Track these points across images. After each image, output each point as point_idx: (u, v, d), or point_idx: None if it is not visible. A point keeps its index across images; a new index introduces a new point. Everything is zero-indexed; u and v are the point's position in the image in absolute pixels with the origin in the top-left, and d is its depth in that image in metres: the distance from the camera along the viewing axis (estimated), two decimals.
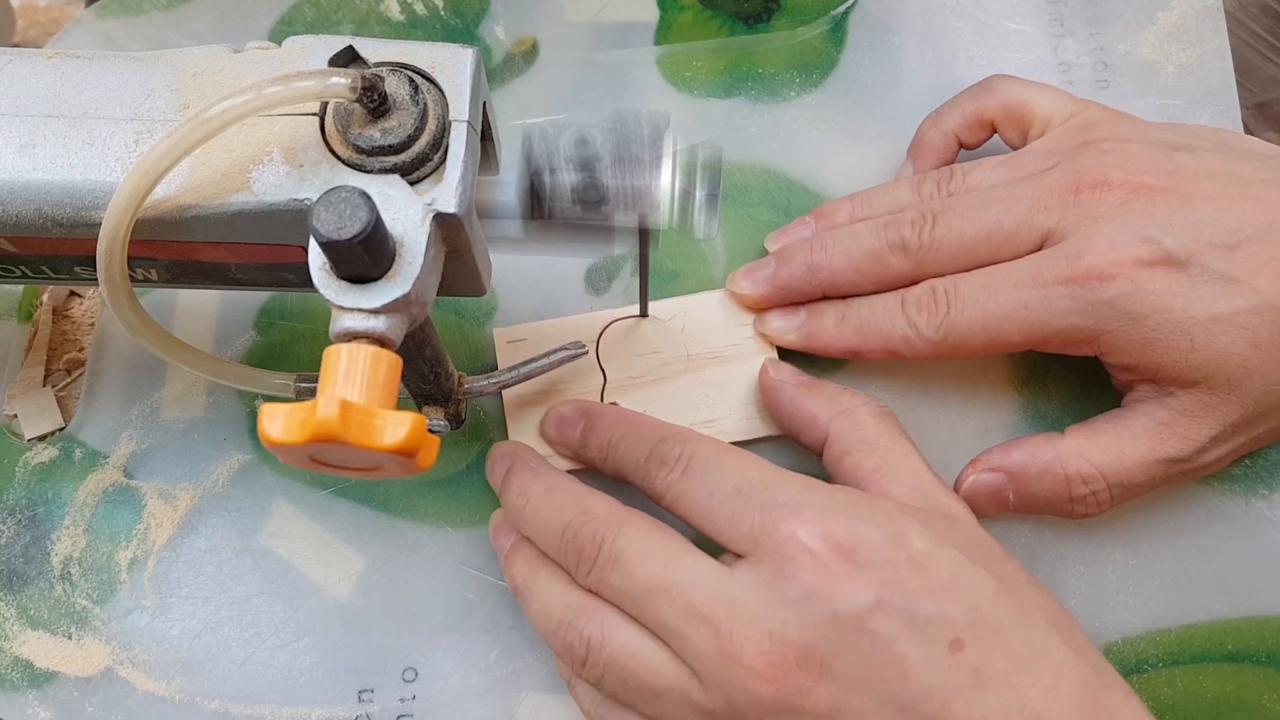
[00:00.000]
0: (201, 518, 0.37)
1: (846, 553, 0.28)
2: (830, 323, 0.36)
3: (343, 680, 0.35)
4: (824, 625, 0.27)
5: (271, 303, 0.40)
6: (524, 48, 0.44)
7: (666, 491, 0.31)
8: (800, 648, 0.27)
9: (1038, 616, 0.28)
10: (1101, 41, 0.43)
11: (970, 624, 0.27)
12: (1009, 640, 0.27)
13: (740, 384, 0.37)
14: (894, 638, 0.27)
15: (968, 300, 0.34)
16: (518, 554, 0.33)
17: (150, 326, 0.29)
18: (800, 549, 0.28)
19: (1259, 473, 0.37)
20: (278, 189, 0.27)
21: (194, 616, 0.36)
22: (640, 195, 0.28)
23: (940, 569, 0.28)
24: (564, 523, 0.31)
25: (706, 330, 0.38)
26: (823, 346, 0.37)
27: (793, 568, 0.28)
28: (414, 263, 0.26)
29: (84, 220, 0.27)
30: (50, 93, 0.28)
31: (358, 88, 0.25)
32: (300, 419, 0.24)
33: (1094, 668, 0.28)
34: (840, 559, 0.28)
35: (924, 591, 0.27)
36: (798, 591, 0.27)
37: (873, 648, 0.27)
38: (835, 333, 0.36)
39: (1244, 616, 0.35)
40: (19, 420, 0.39)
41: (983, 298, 0.34)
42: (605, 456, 0.34)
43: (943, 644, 0.27)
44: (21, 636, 0.36)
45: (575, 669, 0.30)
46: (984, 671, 0.27)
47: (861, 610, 0.27)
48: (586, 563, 0.30)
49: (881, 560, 0.28)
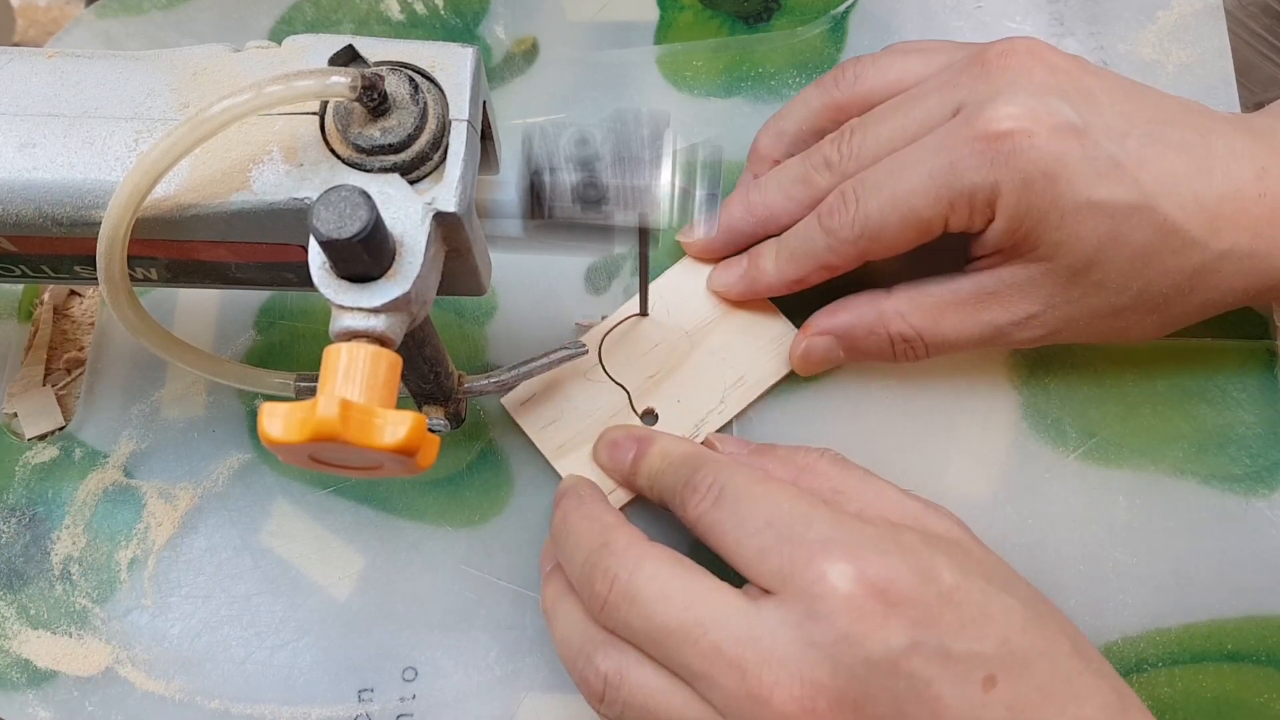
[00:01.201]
0: (201, 517, 0.37)
1: (879, 592, 0.27)
2: (769, 263, 0.37)
3: (342, 679, 0.35)
4: (858, 669, 0.26)
5: (271, 302, 0.40)
6: (524, 47, 0.44)
7: (699, 521, 0.31)
8: (833, 692, 0.26)
9: (1062, 641, 0.28)
10: (1102, 41, 0.43)
11: (1001, 658, 0.27)
12: (1038, 671, 0.27)
13: (742, 335, 0.38)
14: (930, 680, 0.26)
15: (873, 187, 0.34)
16: (553, 578, 0.33)
17: (150, 326, 0.29)
18: (830, 590, 0.27)
19: (1259, 473, 0.37)
20: (278, 188, 0.27)
21: (194, 616, 0.36)
22: (640, 194, 0.28)
23: (970, 602, 0.27)
24: (585, 554, 0.31)
25: (689, 301, 0.38)
26: (767, 288, 0.37)
27: (824, 608, 0.27)
28: (414, 262, 0.26)
29: (84, 219, 0.27)
30: (50, 92, 0.28)
31: (358, 87, 0.25)
32: (300, 418, 0.24)
33: (1114, 689, 0.28)
34: (873, 599, 0.27)
35: (956, 628, 0.27)
36: (830, 634, 0.27)
37: (907, 690, 0.26)
38: (775, 271, 0.36)
39: (1244, 616, 0.35)
40: (19, 419, 0.39)
41: (889, 180, 0.34)
42: (651, 485, 0.34)
43: (976, 682, 0.27)
44: (21, 636, 0.36)
45: (593, 704, 0.30)
46: (1016, 706, 0.26)
47: (896, 653, 0.26)
48: (598, 599, 0.29)
49: (913, 598, 0.27)
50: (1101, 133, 0.32)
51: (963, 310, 0.35)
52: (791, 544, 0.28)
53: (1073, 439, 0.37)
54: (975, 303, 0.35)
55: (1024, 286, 0.34)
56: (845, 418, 0.38)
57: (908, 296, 0.35)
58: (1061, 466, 0.37)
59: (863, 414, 0.38)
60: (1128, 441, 0.37)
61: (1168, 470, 0.37)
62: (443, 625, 0.36)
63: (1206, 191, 0.32)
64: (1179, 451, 0.37)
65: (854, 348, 0.36)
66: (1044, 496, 0.37)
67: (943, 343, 0.35)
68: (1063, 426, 0.38)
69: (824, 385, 0.38)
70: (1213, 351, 0.38)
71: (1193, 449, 0.37)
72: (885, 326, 0.36)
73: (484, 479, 0.38)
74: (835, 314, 0.36)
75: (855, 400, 0.38)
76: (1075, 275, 0.33)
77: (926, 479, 0.37)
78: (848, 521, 0.29)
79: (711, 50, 0.44)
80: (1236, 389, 0.38)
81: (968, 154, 0.32)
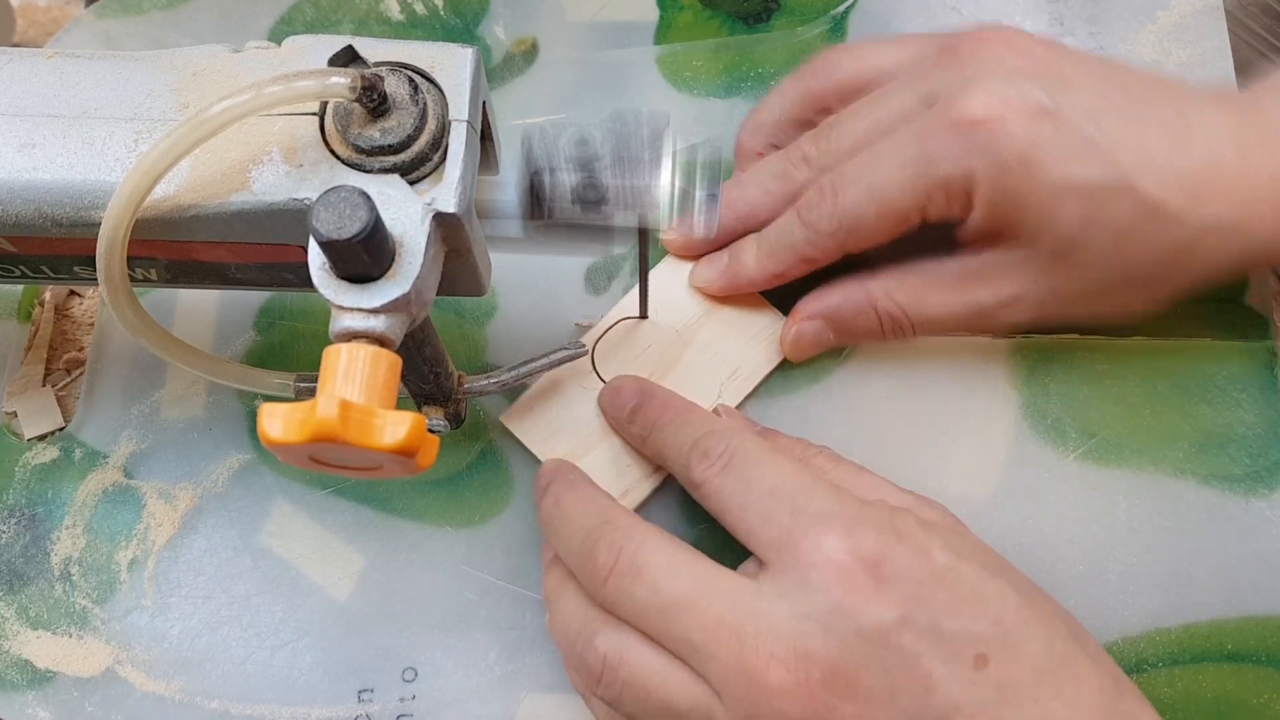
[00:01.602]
0: (201, 517, 0.37)
1: (872, 567, 0.27)
2: (749, 257, 0.37)
3: (342, 680, 0.35)
4: (849, 640, 0.27)
5: (271, 302, 0.40)
6: (524, 47, 0.44)
7: (703, 484, 0.31)
8: (826, 664, 0.27)
9: (1058, 625, 0.28)
10: (1102, 40, 0.43)
11: (994, 638, 0.27)
12: (1031, 652, 0.27)
13: (732, 329, 0.38)
14: (920, 654, 0.27)
15: (851, 180, 0.34)
16: (554, 567, 0.33)
17: (150, 326, 0.29)
18: (824, 561, 0.28)
19: (1259, 473, 0.37)
20: (277, 188, 0.27)
21: (194, 616, 0.36)
22: (640, 195, 0.28)
23: (964, 583, 0.28)
24: (585, 530, 0.31)
25: (676, 299, 0.38)
26: (748, 282, 0.37)
27: (817, 579, 0.27)
28: (414, 262, 0.26)
29: (83, 220, 0.27)
30: (50, 92, 0.28)
31: (357, 87, 0.25)
32: (300, 418, 0.24)
33: (1110, 675, 0.28)
34: (865, 573, 0.27)
35: (949, 606, 0.27)
36: (822, 605, 0.27)
37: (898, 664, 0.27)
38: (755, 265, 0.37)
39: (1244, 616, 0.35)
40: (19, 420, 0.39)
41: (865, 172, 0.34)
42: (647, 437, 0.34)
43: (967, 660, 0.27)
44: (21, 636, 0.36)
45: (590, 687, 0.30)
46: (1008, 686, 0.27)
47: (887, 626, 0.27)
48: (603, 570, 0.29)
49: (906, 575, 0.27)
50: (1076, 114, 0.32)
51: (947, 290, 0.35)
52: (792, 515, 0.29)
53: (1073, 439, 0.37)
54: (960, 283, 0.35)
55: (1007, 269, 0.34)
56: (845, 418, 0.38)
57: (894, 275, 0.36)
58: (1061, 466, 0.37)
59: (863, 414, 0.38)
60: (1128, 441, 0.37)
61: (1168, 470, 0.37)
62: (443, 625, 0.36)
63: (1185, 166, 0.32)
64: (1179, 451, 0.37)
65: (843, 329, 0.37)
66: (1044, 496, 0.37)
67: (927, 321, 0.36)
68: (1063, 426, 0.37)
69: (824, 385, 0.38)
70: (1213, 351, 0.38)
71: (1193, 449, 0.37)
72: (873, 304, 0.36)
73: (484, 479, 0.38)
74: (823, 297, 0.37)
75: (855, 400, 0.38)
76: (1058, 257, 0.33)
77: (926, 479, 0.37)
78: (848, 499, 0.29)
79: (711, 50, 0.44)
80: (1236, 389, 0.38)
81: (942, 143, 0.33)
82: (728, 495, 0.30)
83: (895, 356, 0.38)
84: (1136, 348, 0.38)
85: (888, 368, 0.38)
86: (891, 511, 0.29)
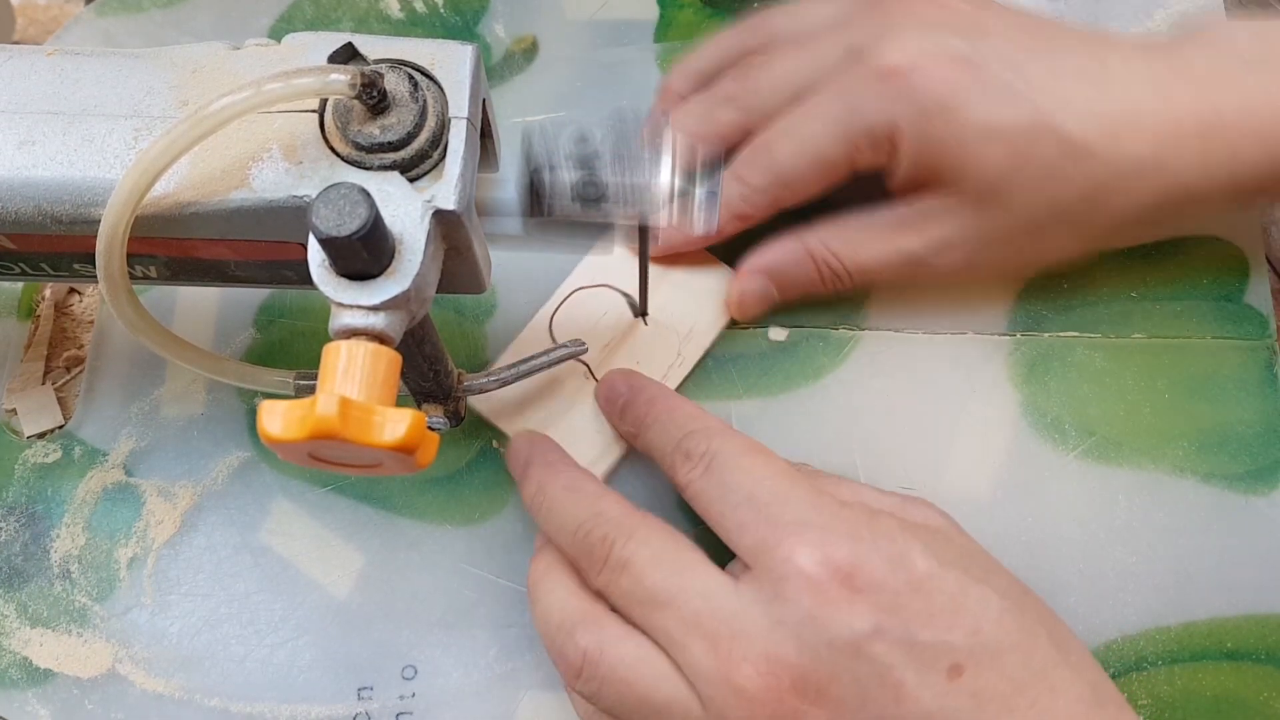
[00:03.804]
0: (201, 515, 0.37)
1: (845, 578, 0.27)
2: None
3: (342, 678, 0.35)
4: (821, 650, 0.27)
5: (271, 300, 0.40)
6: (524, 45, 0.44)
7: (688, 486, 0.31)
8: (797, 670, 0.27)
9: (1039, 633, 0.28)
10: None
11: (970, 649, 0.27)
12: (1009, 663, 0.27)
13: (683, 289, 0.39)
14: (891, 664, 0.27)
15: (783, 135, 0.35)
16: (542, 553, 0.33)
17: (150, 324, 0.29)
18: (796, 571, 0.27)
19: (1259, 471, 0.37)
20: (277, 186, 0.27)
21: (193, 614, 0.36)
22: (640, 193, 0.28)
23: (942, 591, 0.28)
24: (577, 523, 0.31)
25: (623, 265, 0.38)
26: (684, 242, 0.38)
27: (790, 590, 0.27)
28: (413, 259, 0.26)
29: (83, 217, 0.27)
30: (49, 90, 0.28)
31: (357, 84, 0.25)
32: (299, 416, 0.24)
33: (1090, 683, 0.28)
34: (839, 584, 0.27)
35: (924, 616, 0.27)
36: (795, 615, 0.27)
37: (869, 674, 0.27)
38: None
39: (1243, 615, 0.35)
40: (18, 417, 0.39)
41: (797, 127, 0.35)
42: (637, 434, 0.34)
43: (941, 670, 0.27)
44: (21, 634, 0.36)
45: (570, 681, 0.30)
46: (982, 696, 0.27)
47: (859, 637, 0.27)
48: (597, 563, 0.30)
49: (881, 585, 0.27)
50: (995, 62, 0.33)
51: (880, 237, 0.36)
52: (768, 523, 0.29)
53: (1072, 438, 0.37)
54: (892, 230, 0.36)
55: (937, 214, 0.35)
56: (845, 417, 0.38)
57: (829, 227, 0.37)
58: (1061, 465, 0.37)
59: (862, 413, 0.38)
60: (1127, 440, 0.37)
61: (1167, 469, 0.37)
62: (442, 623, 0.36)
63: (1104, 108, 0.33)
64: (1179, 450, 0.37)
65: (784, 282, 0.37)
66: (1044, 495, 0.37)
67: (862, 269, 0.36)
68: (1063, 425, 0.38)
69: (824, 385, 0.38)
70: (1213, 351, 0.38)
71: (1193, 448, 0.37)
72: (810, 255, 0.37)
73: (483, 477, 0.38)
74: (762, 253, 0.37)
75: (855, 399, 0.38)
76: (983, 199, 0.34)
77: (926, 479, 0.37)
78: (825, 504, 0.29)
79: None
80: (1236, 389, 0.38)
81: (863, 92, 0.34)
82: (709, 499, 0.30)
83: (895, 356, 0.38)
84: (1136, 346, 0.38)
85: (887, 367, 0.38)
86: (871, 515, 0.29)
